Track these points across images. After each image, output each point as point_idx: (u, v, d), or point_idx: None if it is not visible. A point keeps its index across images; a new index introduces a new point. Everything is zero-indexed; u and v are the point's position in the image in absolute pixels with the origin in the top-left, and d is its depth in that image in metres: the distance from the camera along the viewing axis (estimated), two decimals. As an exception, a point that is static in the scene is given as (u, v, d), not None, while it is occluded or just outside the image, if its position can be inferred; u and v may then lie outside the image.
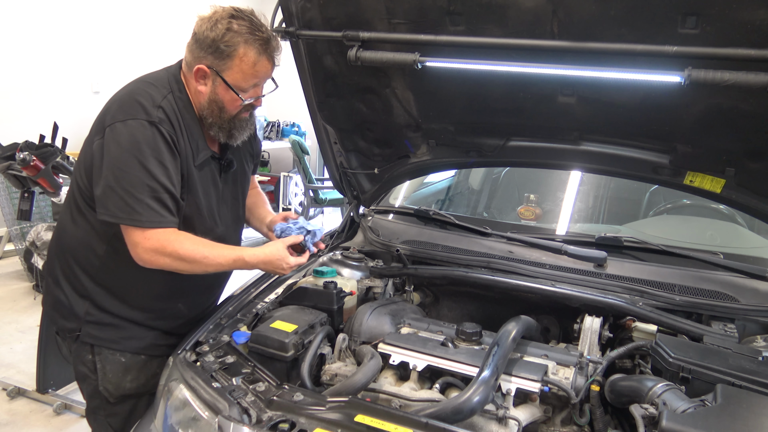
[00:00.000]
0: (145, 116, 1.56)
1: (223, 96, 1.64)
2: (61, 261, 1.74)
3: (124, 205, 1.53)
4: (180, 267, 1.61)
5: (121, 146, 1.53)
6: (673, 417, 1.21)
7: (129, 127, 1.54)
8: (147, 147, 1.54)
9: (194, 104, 1.68)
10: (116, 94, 1.66)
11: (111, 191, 1.53)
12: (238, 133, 1.73)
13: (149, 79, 1.67)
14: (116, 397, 1.75)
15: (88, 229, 1.68)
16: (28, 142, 3.03)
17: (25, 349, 3.63)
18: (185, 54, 1.67)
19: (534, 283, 1.90)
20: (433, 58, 1.80)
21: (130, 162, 1.53)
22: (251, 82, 1.65)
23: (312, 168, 7.01)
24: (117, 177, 1.53)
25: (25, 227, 4.99)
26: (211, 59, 1.60)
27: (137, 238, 1.56)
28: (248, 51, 1.59)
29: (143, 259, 1.58)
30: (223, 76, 1.61)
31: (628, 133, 1.95)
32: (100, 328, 1.71)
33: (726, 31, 1.44)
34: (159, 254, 1.57)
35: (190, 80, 1.66)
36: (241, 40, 1.58)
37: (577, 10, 1.54)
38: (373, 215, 2.51)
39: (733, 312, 1.78)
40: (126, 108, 1.57)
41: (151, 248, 1.56)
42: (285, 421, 1.28)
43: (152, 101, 1.58)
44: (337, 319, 1.84)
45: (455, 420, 1.29)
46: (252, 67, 1.61)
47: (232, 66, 1.60)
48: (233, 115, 1.68)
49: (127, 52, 6.55)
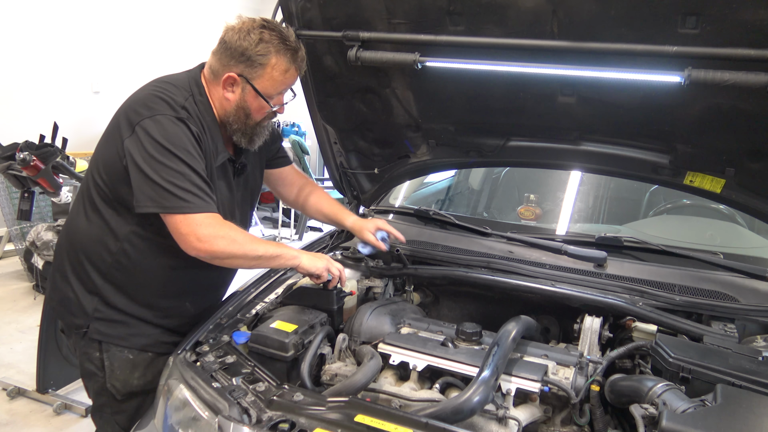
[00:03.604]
0: (172, 112, 1.60)
1: (251, 103, 1.70)
2: (71, 258, 1.75)
3: (170, 195, 1.54)
4: (233, 250, 1.60)
5: (155, 140, 1.55)
6: (673, 417, 1.21)
7: (158, 122, 1.57)
8: (178, 139, 1.58)
9: (215, 109, 1.73)
10: (137, 93, 1.68)
11: (152, 184, 1.54)
12: (258, 139, 1.80)
13: (170, 80, 1.71)
14: (123, 394, 1.76)
15: (103, 226, 1.69)
16: (28, 142, 3.04)
17: (25, 349, 3.63)
18: (210, 61, 1.72)
19: (534, 283, 1.90)
20: (433, 58, 1.80)
21: (166, 154, 1.55)
22: (279, 90, 1.73)
23: (312, 168, 7.02)
24: (156, 169, 1.54)
25: (25, 227, 5.00)
26: (242, 67, 1.66)
27: (188, 226, 1.56)
28: (280, 60, 1.66)
29: (197, 247, 1.57)
30: (253, 83, 1.67)
31: (628, 133, 1.95)
32: (109, 324, 1.72)
33: (726, 31, 1.44)
34: (214, 237, 1.57)
35: (214, 86, 1.72)
36: (273, 50, 1.65)
37: (577, 10, 1.54)
38: (373, 215, 2.51)
39: (733, 312, 1.78)
40: (151, 105, 1.60)
41: (205, 233, 1.56)
42: (285, 421, 1.28)
43: (176, 101, 1.63)
44: (337, 319, 1.84)
45: (455, 420, 1.29)
46: (282, 76, 1.69)
47: (263, 74, 1.67)
48: (258, 121, 1.75)
49: (127, 52, 6.56)
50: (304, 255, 1.78)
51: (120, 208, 1.67)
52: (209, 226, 1.58)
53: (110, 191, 1.66)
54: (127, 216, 1.66)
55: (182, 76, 1.74)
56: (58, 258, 1.81)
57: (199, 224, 1.56)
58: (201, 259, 1.61)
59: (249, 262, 1.67)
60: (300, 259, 1.76)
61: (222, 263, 1.65)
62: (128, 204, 1.63)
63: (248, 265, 1.69)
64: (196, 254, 1.59)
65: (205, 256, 1.59)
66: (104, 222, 1.69)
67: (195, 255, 1.59)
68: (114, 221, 1.67)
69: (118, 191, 1.64)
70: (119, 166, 1.60)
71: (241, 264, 1.68)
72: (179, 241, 1.59)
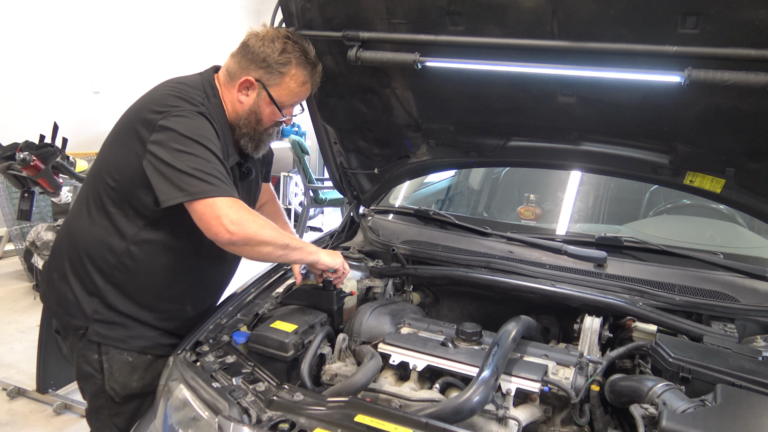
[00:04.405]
0: (193, 107, 1.62)
1: (264, 109, 1.74)
2: (71, 257, 1.74)
3: (196, 180, 1.52)
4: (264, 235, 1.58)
5: (179, 133, 1.56)
6: (673, 417, 1.21)
7: (182, 116, 1.59)
8: (202, 130, 1.59)
9: (228, 112, 1.75)
10: (151, 94, 1.69)
11: (178, 174, 1.52)
12: (264, 146, 1.83)
13: (184, 81, 1.72)
14: (122, 396, 1.76)
15: (109, 227, 1.68)
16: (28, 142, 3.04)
17: (25, 349, 3.63)
18: (229, 63, 1.75)
19: (534, 283, 1.90)
20: (433, 58, 1.80)
21: (190, 144, 1.55)
22: (293, 102, 1.78)
23: (312, 168, 7.01)
24: (182, 160, 1.53)
25: (25, 227, 5.00)
26: (261, 73, 1.69)
27: (218, 209, 1.52)
28: (299, 72, 1.72)
29: (230, 230, 1.52)
30: (269, 90, 1.71)
31: (628, 133, 1.95)
32: (108, 326, 1.71)
33: (726, 31, 1.44)
34: (245, 221, 1.54)
35: (228, 88, 1.74)
36: (295, 61, 1.70)
37: (577, 10, 1.54)
38: (373, 215, 2.51)
39: (733, 312, 1.78)
40: (171, 104, 1.61)
41: (236, 217, 1.53)
42: (285, 421, 1.28)
43: (194, 99, 1.65)
44: (337, 319, 1.84)
45: (455, 420, 1.29)
46: (299, 88, 1.74)
47: (281, 83, 1.71)
48: (266, 127, 1.78)
49: (127, 52, 6.56)
50: (322, 251, 1.79)
51: (129, 209, 1.66)
52: (239, 210, 1.55)
53: (122, 192, 1.65)
54: (136, 218, 1.66)
55: (195, 77, 1.76)
56: (57, 258, 1.80)
57: (230, 207, 1.54)
58: (231, 245, 1.55)
59: (276, 251, 1.63)
60: (319, 254, 1.77)
61: (251, 251, 1.60)
62: (138, 206, 1.64)
63: (274, 255, 1.65)
64: (228, 239, 1.53)
65: (237, 239, 1.54)
66: (111, 223, 1.68)
67: (227, 240, 1.53)
68: (122, 223, 1.67)
69: (130, 193, 1.64)
70: (136, 167, 1.59)
71: (269, 252, 1.63)
72: (209, 229, 1.53)
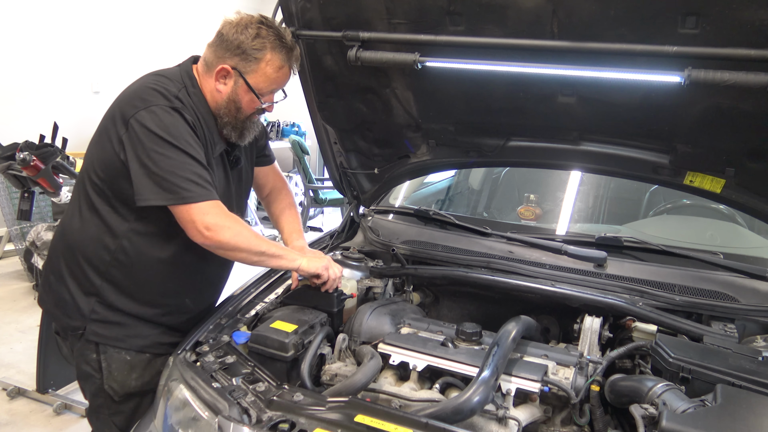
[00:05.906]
0: (166, 102, 1.60)
1: (242, 97, 1.71)
2: (67, 258, 1.74)
3: (171, 185, 1.54)
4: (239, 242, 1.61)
5: (151, 131, 1.55)
6: (673, 417, 1.21)
7: (153, 113, 1.58)
8: (175, 129, 1.58)
9: (209, 101, 1.73)
10: (129, 87, 1.69)
11: (153, 176, 1.54)
12: (248, 134, 1.80)
13: (162, 73, 1.71)
14: (121, 395, 1.76)
15: (100, 224, 1.69)
16: (28, 142, 3.03)
17: (25, 349, 3.63)
18: (206, 53, 1.73)
19: (534, 283, 1.90)
20: (433, 58, 1.80)
21: (163, 144, 1.55)
22: (271, 87, 1.73)
23: (312, 168, 7.01)
24: (155, 161, 1.54)
25: (25, 227, 4.99)
26: (236, 60, 1.66)
27: (192, 215, 1.56)
28: (274, 57, 1.67)
29: (204, 235, 1.57)
30: (246, 77, 1.68)
31: (628, 133, 1.95)
32: (106, 326, 1.71)
33: (726, 31, 1.44)
34: (220, 228, 1.58)
35: (206, 78, 1.72)
36: (269, 46, 1.66)
37: (577, 10, 1.54)
38: (373, 215, 2.50)
39: (733, 312, 1.78)
40: (145, 96, 1.61)
41: (209, 222, 1.57)
42: (285, 421, 1.28)
43: (169, 91, 1.64)
44: (337, 321, 1.84)
45: (455, 420, 1.29)
46: (275, 73, 1.70)
47: (257, 69, 1.67)
48: (248, 116, 1.76)
49: (127, 52, 6.55)
50: (304, 258, 1.79)
51: (118, 204, 1.66)
52: (215, 215, 1.59)
53: (108, 188, 1.66)
54: (125, 213, 1.66)
55: (174, 69, 1.75)
56: (53, 259, 1.80)
57: (205, 213, 1.57)
58: (206, 248, 1.62)
59: (251, 257, 1.67)
60: (300, 261, 1.77)
61: (226, 254, 1.66)
62: (127, 200, 1.63)
63: (250, 260, 1.69)
64: (202, 242, 1.60)
65: (211, 244, 1.60)
66: (101, 220, 1.68)
67: (201, 243, 1.60)
68: (112, 219, 1.67)
69: (116, 187, 1.64)
70: (116, 161, 1.60)
71: (244, 258, 1.68)
72: (186, 230, 1.60)
